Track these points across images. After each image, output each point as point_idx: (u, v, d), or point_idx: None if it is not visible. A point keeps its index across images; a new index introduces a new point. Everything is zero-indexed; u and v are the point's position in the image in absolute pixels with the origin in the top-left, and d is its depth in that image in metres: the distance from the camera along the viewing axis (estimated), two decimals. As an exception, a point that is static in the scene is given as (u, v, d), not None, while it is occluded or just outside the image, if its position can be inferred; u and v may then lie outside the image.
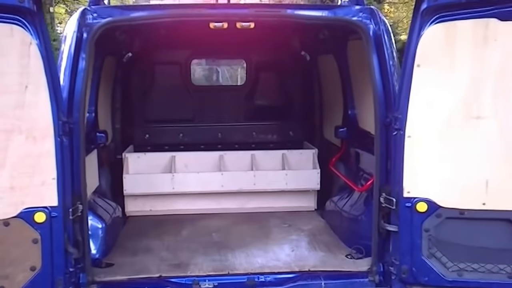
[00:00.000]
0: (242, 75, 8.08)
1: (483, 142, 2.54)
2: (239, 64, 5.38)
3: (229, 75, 7.56)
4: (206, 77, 7.25)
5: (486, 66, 2.47)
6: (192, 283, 2.80)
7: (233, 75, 7.67)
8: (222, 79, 7.29)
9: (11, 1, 2.27)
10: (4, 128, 2.36)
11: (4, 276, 2.44)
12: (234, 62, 5.73)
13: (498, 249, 2.62)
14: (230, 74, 7.59)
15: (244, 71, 4.83)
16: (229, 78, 7.55)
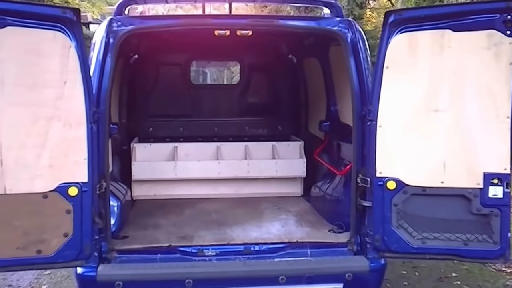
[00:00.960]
0: (228, 76, 8.64)
1: (440, 131, 2.99)
2: (234, 65, 5.87)
3: (216, 77, 8.10)
4: (193, 77, 7.79)
5: (442, 68, 2.94)
6: (198, 251, 3.23)
7: (219, 77, 8.22)
8: (210, 80, 7.83)
9: (56, 12, 2.75)
10: (46, 116, 2.80)
11: (41, 240, 2.83)
12: (229, 64, 6.23)
13: (455, 220, 3.04)
14: (216, 76, 8.14)
15: (229, 73, 5.35)
16: (216, 79, 8.09)
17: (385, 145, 3.04)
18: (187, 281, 3.04)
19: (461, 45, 2.92)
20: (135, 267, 3.12)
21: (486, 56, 2.90)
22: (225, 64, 6.60)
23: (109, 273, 3.03)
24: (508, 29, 2.85)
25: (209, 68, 7.53)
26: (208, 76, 7.81)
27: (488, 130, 2.97)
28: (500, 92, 2.93)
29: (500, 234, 3.01)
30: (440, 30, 2.92)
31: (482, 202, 2.99)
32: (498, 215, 3.00)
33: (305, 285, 3.18)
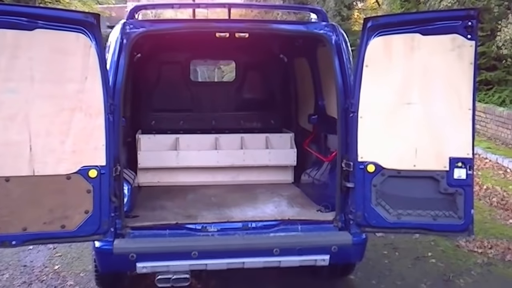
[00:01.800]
0: (219, 75, 9.03)
1: (412, 121, 3.41)
2: (224, 65, 6.26)
3: (207, 76, 8.51)
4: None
5: (413, 67, 3.38)
6: (201, 228, 3.65)
7: (210, 75, 8.63)
8: (201, 78, 8.25)
9: (79, 16, 3.16)
10: (69, 107, 3.18)
11: (65, 216, 3.21)
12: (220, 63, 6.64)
13: (425, 198, 3.47)
14: (208, 75, 8.54)
15: (220, 72, 5.79)
16: (207, 78, 8.50)
17: (365, 134, 3.47)
18: (193, 253, 3.46)
19: (429, 47, 3.35)
20: (147, 241, 3.53)
21: (450, 57, 3.35)
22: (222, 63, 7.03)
23: (124, 246, 3.44)
24: (469, 33, 3.30)
25: (199, 67, 7.98)
26: (199, 75, 8.27)
27: (453, 120, 3.42)
28: (463, 87, 3.38)
29: (464, 211, 3.46)
30: (411, 34, 3.35)
31: (448, 182, 3.43)
32: (462, 194, 3.45)
33: (296, 256, 3.62)
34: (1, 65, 3.03)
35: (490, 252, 5.20)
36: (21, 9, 3.12)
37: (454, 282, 4.53)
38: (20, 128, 3.10)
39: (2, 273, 4.54)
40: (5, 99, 3.06)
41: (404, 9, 17.76)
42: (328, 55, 3.80)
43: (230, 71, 15.25)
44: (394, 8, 18.45)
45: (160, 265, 3.48)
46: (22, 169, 3.12)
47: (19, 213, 3.15)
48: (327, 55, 3.84)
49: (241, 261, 3.58)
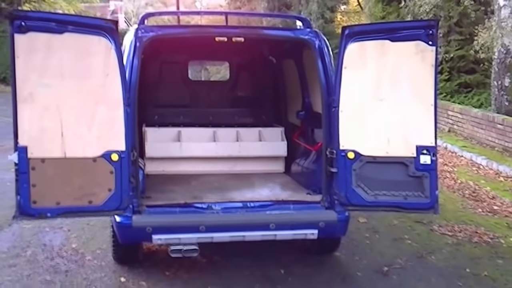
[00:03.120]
0: (205, 76, 9.56)
1: (384, 114, 3.98)
2: (210, 66, 6.87)
3: (195, 75, 9.12)
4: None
5: (384, 68, 3.96)
6: (207, 206, 4.20)
7: (196, 76, 9.20)
8: (191, 77, 8.87)
9: (102, 23, 3.75)
10: (93, 100, 3.72)
11: (92, 193, 3.74)
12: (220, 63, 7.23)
13: (397, 180, 4.02)
14: (195, 74, 9.12)
15: (206, 73, 6.46)
16: (195, 78, 9.12)
17: (345, 125, 4.03)
18: (200, 227, 4.04)
19: (397, 51, 3.94)
20: (161, 216, 4.11)
21: (415, 60, 3.94)
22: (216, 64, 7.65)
23: (141, 221, 4.00)
24: (430, 40, 3.90)
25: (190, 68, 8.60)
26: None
27: (418, 114, 4.01)
28: (426, 85, 3.98)
29: (429, 191, 4.03)
30: (381, 41, 3.94)
31: (416, 167, 4.00)
32: (428, 176, 4.03)
33: (289, 230, 4.21)
34: (36, 64, 3.61)
35: (459, 235, 5.83)
36: (53, 16, 3.75)
37: (426, 258, 5.14)
38: (53, 117, 3.66)
39: (25, 250, 5.08)
40: (40, 92, 3.62)
41: (386, 13, 18.47)
42: (312, 57, 4.41)
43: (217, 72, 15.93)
44: (376, 11, 19.14)
45: (173, 237, 4.05)
46: (55, 151, 3.68)
47: (53, 189, 3.71)
48: (312, 58, 4.46)
49: (242, 234, 4.18)
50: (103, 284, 4.40)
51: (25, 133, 3.61)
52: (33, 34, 3.54)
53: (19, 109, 3.59)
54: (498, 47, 11.74)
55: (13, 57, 3.54)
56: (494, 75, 12.06)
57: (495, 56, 11.98)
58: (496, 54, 11.92)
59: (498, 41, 11.71)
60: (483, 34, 12.55)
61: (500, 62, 11.83)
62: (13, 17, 3.51)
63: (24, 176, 3.63)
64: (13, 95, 3.58)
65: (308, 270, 4.77)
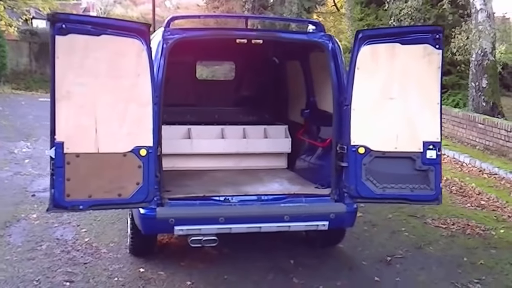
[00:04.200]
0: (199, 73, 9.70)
1: (394, 112, 4.25)
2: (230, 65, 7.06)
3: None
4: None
5: (393, 69, 4.22)
6: (224, 199, 4.42)
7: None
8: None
9: (136, 26, 3.92)
10: (125, 98, 3.89)
11: (121, 187, 3.90)
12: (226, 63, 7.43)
13: (404, 174, 4.28)
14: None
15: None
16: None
17: (356, 122, 4.28)
18: (220, 218, 4.26)
19: (406, 54, 4.22)
20: (182, 208, 4.31)
21: (422, 62, 4.23)
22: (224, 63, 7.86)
23: (165, 213, 4.19)
24: (437, 44, 4.20)
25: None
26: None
27: (425, 112, 4.30)
28: (432, 86, 4.28)
29: (434, 184, 4.32)
30: (392, 43, 4.21)
31: (422, 161, 4.28)
32: (433, 170, 4.32)
33: (302, 222, 4.47)
34: (74, 64, 3.77)
35: (452, 227, 6.20)
36: (91, 19, 3.91)
37: (424, 249, 5.47)
38: (88, 114, 3.83)
39: (39, 244, 5.19)
40: (77, 91, 3.79)
41: (364, 14, 18.99)
42: (324, 59, 4.67)
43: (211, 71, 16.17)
44: (355, 13, 19.65)
45: (193, 228, 4.26)
46: (89, 147, 3.84)
47: (86, 183, 3.87)
48: (320, 59, 4.72)
49: (258, 225, 4.41)
50: (123, 274, 4.56)
51: (62, 129, 3.76)
52: (73, 36, 3.70)
53: (57, 107, 3.74)
54: (476, 50, 12.28)
55: (53, 58, 3.69)
56: (472, 77, 12.61)
57: (473, 58, 12.52)
58: (474, 56, 12.46)
59: (476, 43, 12.25)
60: (460, 37, 13.09)
61: (477, 64, 12.39)
62: (55, 20, 3.66)
63: (59, 170, 3.78)
64: (51, 94, 3.73)
65: (315, 261, 5.03)
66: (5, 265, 4.66)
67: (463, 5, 14.53)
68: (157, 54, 4.28)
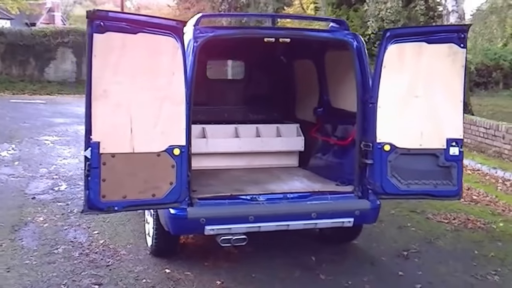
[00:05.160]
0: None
1: (419, 110, 4.36)
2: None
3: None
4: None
5: (419, 68, 4.31)
6: (251, 198, 4.43)
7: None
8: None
9: (172, 24, 3.87)
10: (160, 97, 3.85)
11: (155, 187, 3.86)
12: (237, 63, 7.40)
13: (428, 170, 4.38)
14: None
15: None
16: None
17: (382, 120, 4.36)
18: (250, 217, 4.27)
19: (432, 52, 4.32)
20: (213, 208, 4.28)
21: (447, 61, 4.35)
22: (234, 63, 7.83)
23: (196, 212, 4.16)
24: (462, 43, 4.34)
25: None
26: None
27: (448, 109, 4.42)
28: (456, 84, 4.41)
29: (457, 179, 4.47)
30: (418, 43, 4.30)
31: (446, 158, 4.40)
32: (455, 166, 4.46)
33: (329, 219, 4.52)
34: (111, 62, 3.70)
35: (454, 222, 6.38)
36: (128, 17, 3.83)
37: (435, 243, 5.62)
38: (124, 113, 3.77)
39: (55, 247, 5.05)
40: (113, 89, 3.72)
41: (336, 16, 19.33)
42: (347, 57, 4.73)
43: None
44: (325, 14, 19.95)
45: (224, 228, 4.25)
46: (124, 147, 3.79)
47: (121, 183, 3.81)
48: (344, 57, 4.77)
49: (286, 223, 4.44)
50: (150, 276, 4.50)
51: (98, 129, 3.69)
52: (110, 34, 3.63)
53: (93, 106, 3.66)
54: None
55: (90, 56, 3.61)
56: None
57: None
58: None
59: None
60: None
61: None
62: (93, 17, 3.57)
63: (95, 171, 3.70)
64: (87, 93, 3.65)
65: (336, 257, 5.10)
66: (26, 270, 4.52)
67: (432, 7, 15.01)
68: (188, 52, 4.23)
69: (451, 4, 13.66)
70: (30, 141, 10.69)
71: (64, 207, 6.42)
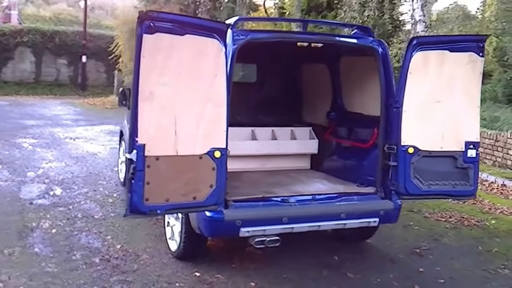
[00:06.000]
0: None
1: (440, 115, 4.58)
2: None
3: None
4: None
5: (442, 74, 4.52)
6: (283, 200, 4.52)
7: None
8: None
9: (217, 26, 3.89)
10: (203, 99, 3.85)
11: (196, 190, 3.86)
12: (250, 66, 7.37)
13: (447, 171, 4.60)
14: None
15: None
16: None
17: (407, 124, 4.54)
18: (284, 218, 4.34)
19: (453, 60, 4.54)
20: (249, 210, 4.32)
21: (467, 68, 4.58)
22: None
23: (233, 215, 4.18)
24: (480, 52, 4.57)
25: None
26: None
27: (467, 114, 4.65)
28: (474, 90, 4.65)
29: (473, 180, 4.73)
30: (442, 51, 4.52)
31: (464, 160, 4.63)
32: (472, 168, 4.70)
33: (356, 219, 4.65)
34: (158, 63, 3.67)
35: (451, 220, 6.68)
36: (177, 18, 3.80)
37: (441, 240, 5.87)
38: (168, 116, 3.74)
39: (72, 253, 4.91)
40: (159, 91, 3.69)
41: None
42: (369, 63, 4.88)
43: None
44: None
45: (259, 229, 4.29)
46: (168, 149, 3.76)
47: (164, 186, 3.78)
48: (366, 63, 4.92)
49: (317, 224, 4.54)
50: (181, 279, 4.47)
51: (144, 131, 3.65)
52: (159, 35, 3.60)
53: (139, 108, 3.61)
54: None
55: (139, 57, 3.56)
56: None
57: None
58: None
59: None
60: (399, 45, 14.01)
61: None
62: (145, 18, 3.53)
63: (140, 174, 3.65)
64: (134, 94, 3.60)
65: (356, 255, 5.25)
66: (50, 278, 4.38)
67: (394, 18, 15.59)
68: (227, 55, 4.24)
69: (418, 14, 14.18)
70: (8, 144, 10.30)
71: (66, 212, 6.25)
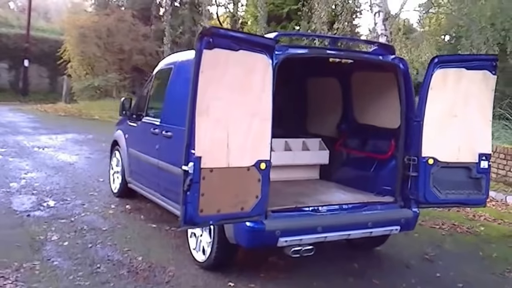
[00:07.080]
0: None
1: (457, 128, 4.91)
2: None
3: None
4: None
5: (459, 90, 4.84)
6: (313, 210, 4.67)
7: None
8: None
9: (267, 42, 4.01)
10: (251, 112, 3.95)
11: (244, 201, 3.94)
12: None
13: (462, 181, 4.90)
14: None
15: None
16: None
17: (427, 136, 4.83)
18: (318, 228, 4.49)
19: (469, 77, 4.86)
20: (287, 220, 4.42)
21: (481, 85, 4.92)
22: None
23: (273, 225, 4.28)
24: (493, 70, 4.93)
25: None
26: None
27: (480, 127, 4.99)
28: (487, 106, 4.99)
29: (485, 189, 5.08)
30: (460, 69, 4.84)
31: (477, 170, 4.94)
32: (484, 178, 5.03)
33: (381, 227, 4.87)
34: (215, 78, 3.74)
35: (444, 227, 7.05)
36: (231, 34, 3.88)
37: (443, 247, 6.20)
38: (222, 129, 3.82)
39: (94, 266, 4.82)
40: (215, 105, 3.76)
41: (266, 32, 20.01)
42: (388, 78, 5.14)
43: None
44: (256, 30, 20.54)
45: (296, 239, 4.41)
46: (221, 161, 3.83)
47: (216, 197, 3.83)
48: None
49: (348, 233, 4.73)
50: (216, 290, 4.51)
51: (201, 144, 3.70)
52: (217, 51, 3.67)
53: (197, 121, 3.66)
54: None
55: (197, 72, 3.61)
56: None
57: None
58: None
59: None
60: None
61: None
62: (206, 34, 3.60)
63: (196, 186, 3.70)
64: (191, 108, 3.64)
65: (374, 261, 5.47)
66: (84, 292, 4.31)
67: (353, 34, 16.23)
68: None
69: (380, 28, 14.86)
70: (-18, 154, 9.86)
71: (70, 224, 6.11)
